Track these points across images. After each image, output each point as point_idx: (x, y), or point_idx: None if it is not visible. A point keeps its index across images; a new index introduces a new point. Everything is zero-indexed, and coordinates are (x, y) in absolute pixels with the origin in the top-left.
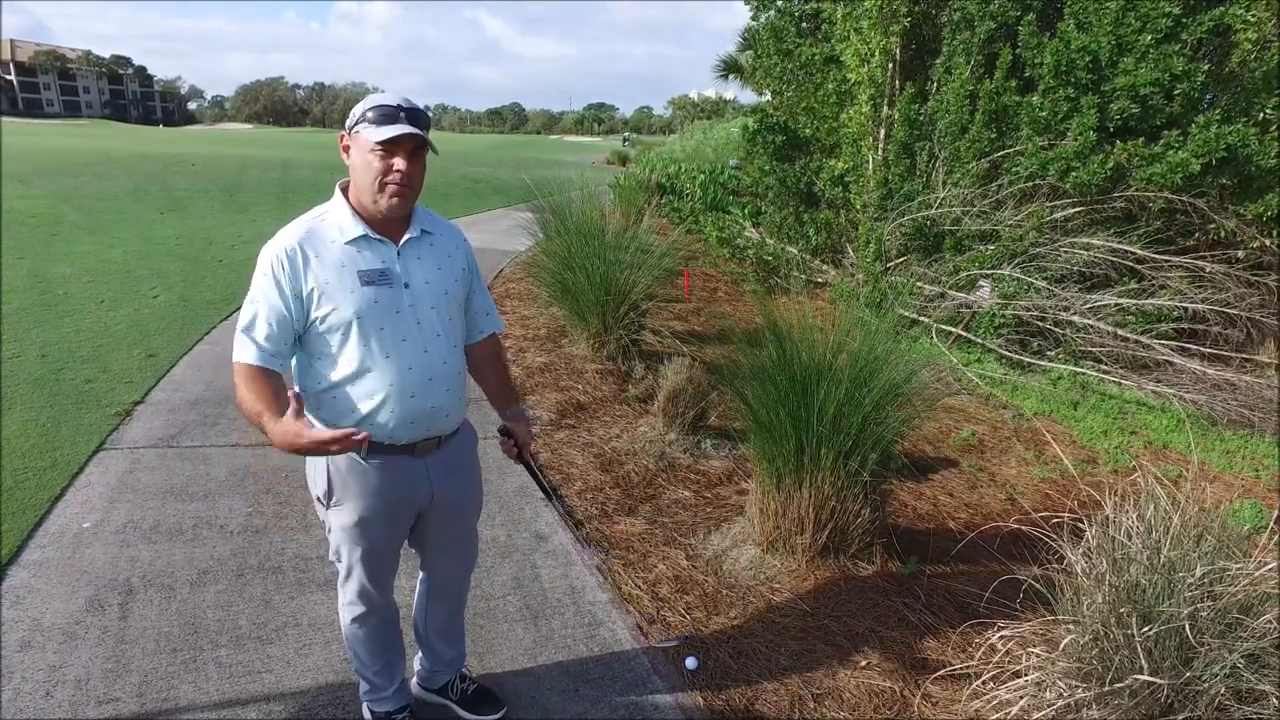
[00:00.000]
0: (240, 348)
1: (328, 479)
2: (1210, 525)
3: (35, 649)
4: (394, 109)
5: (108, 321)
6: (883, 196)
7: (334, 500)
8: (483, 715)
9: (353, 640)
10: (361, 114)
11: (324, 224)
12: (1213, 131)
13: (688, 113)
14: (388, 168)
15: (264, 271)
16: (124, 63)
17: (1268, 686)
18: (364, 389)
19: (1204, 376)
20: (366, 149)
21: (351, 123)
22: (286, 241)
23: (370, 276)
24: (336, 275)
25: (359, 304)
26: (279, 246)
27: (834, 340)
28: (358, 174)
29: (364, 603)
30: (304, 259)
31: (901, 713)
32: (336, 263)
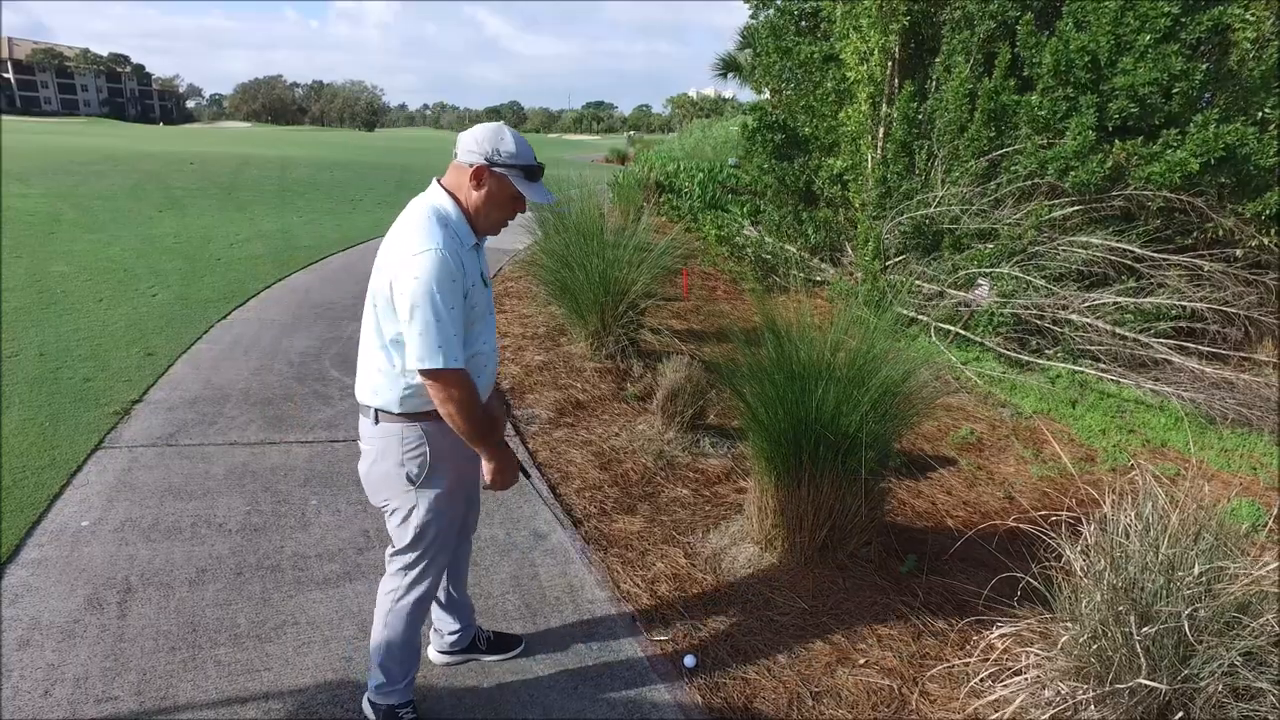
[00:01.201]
0: (446, 354)
1: (426, 452)
2: (1208, 524)
3: (34, 647)
4: (539, 168)
5: (106, 320)
6: (881, 195)
7: (428, 475)
8: (510, 652)
9: (405, 624)
10: (506, 159)
11: (453, 231)
12: (1211, 130)
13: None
14: (514, 211)
15: (438, 279)
16: (122, 61)
17: (1265, 684)
18: (476, 366)
19: (1202, 375)
20: (509, 193)
21: (493, 157)
22: (446, 248)
23: (484, 278)
24: (471, 276)
25: (485, 300)
26: (447, 258)
27: (832, 339)
28: (489, 204)
29: (432, 583)
30: (461, 264)
31: (900, 710)
32: (469, 265)
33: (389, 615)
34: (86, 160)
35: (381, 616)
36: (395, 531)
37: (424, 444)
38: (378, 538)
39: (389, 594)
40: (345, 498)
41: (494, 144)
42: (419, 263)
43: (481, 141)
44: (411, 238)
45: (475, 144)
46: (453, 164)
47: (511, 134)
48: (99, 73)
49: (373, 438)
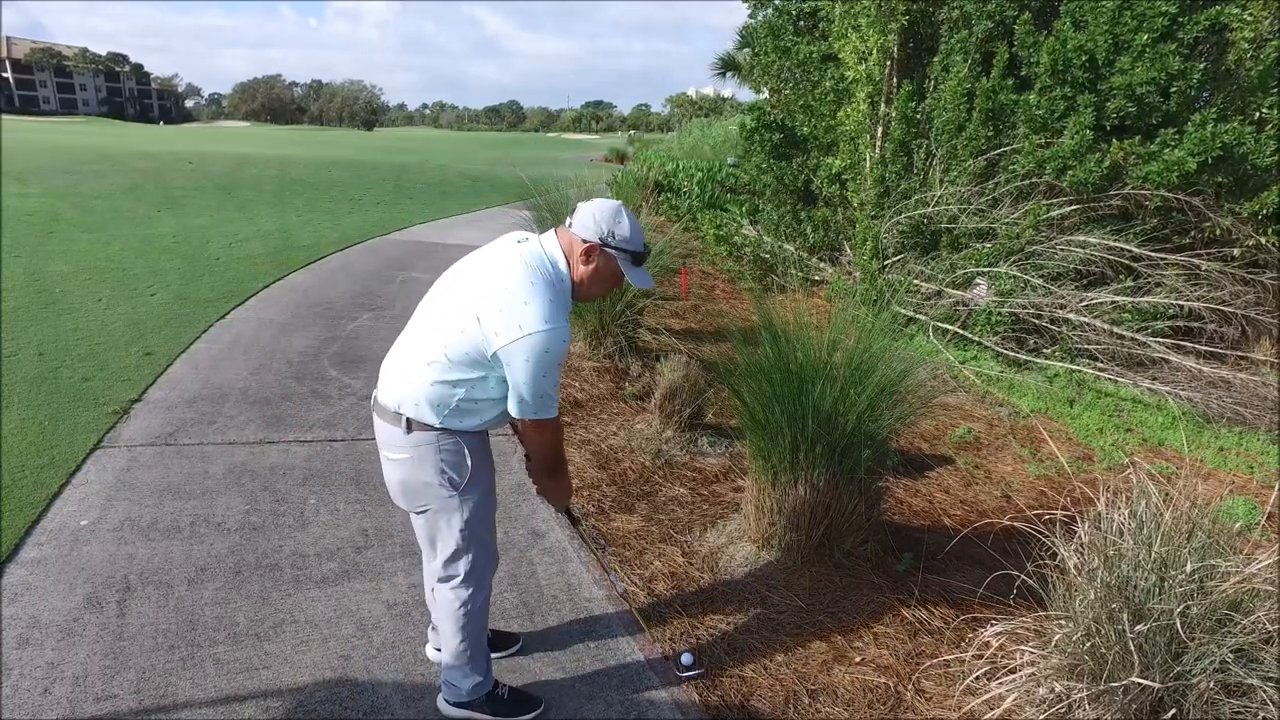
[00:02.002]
0: (545, 406)
1: (465, 459)
2: (1201, 522)
3: (33, 646)
4: (645, 254)
5: (105, 319)
6: (880, 194)
7: (468, 480)
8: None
9: (472, 627)
10: (621, 243)
11: (562, 296)
12: (1209, 130)
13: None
14: (614, 289)
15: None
16: (120, 60)
17: (1256, 680)
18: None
19: (1199, 374)
20: (614, 272)
21: (608, 240)
22: (564, 322)
23: None
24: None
25: None
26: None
27: (830, 338)
28: (594, 277)
29: (487, 576)
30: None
31: (896, 708)
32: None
33: (465, 628)
34: (85, 160)
35: (456, 630)
36: (441, 539)
37: (463, 448)
38: (376, 537)
39: (460, 607)
40: (344, 497)
41: (611, 225)
42: (539, 339)
43: (600, 220)
44: (531, 306)
45: (594, 221)
46: (566, 230)
47: (628, 217)
48: (97, 72)
49: (405, 446)
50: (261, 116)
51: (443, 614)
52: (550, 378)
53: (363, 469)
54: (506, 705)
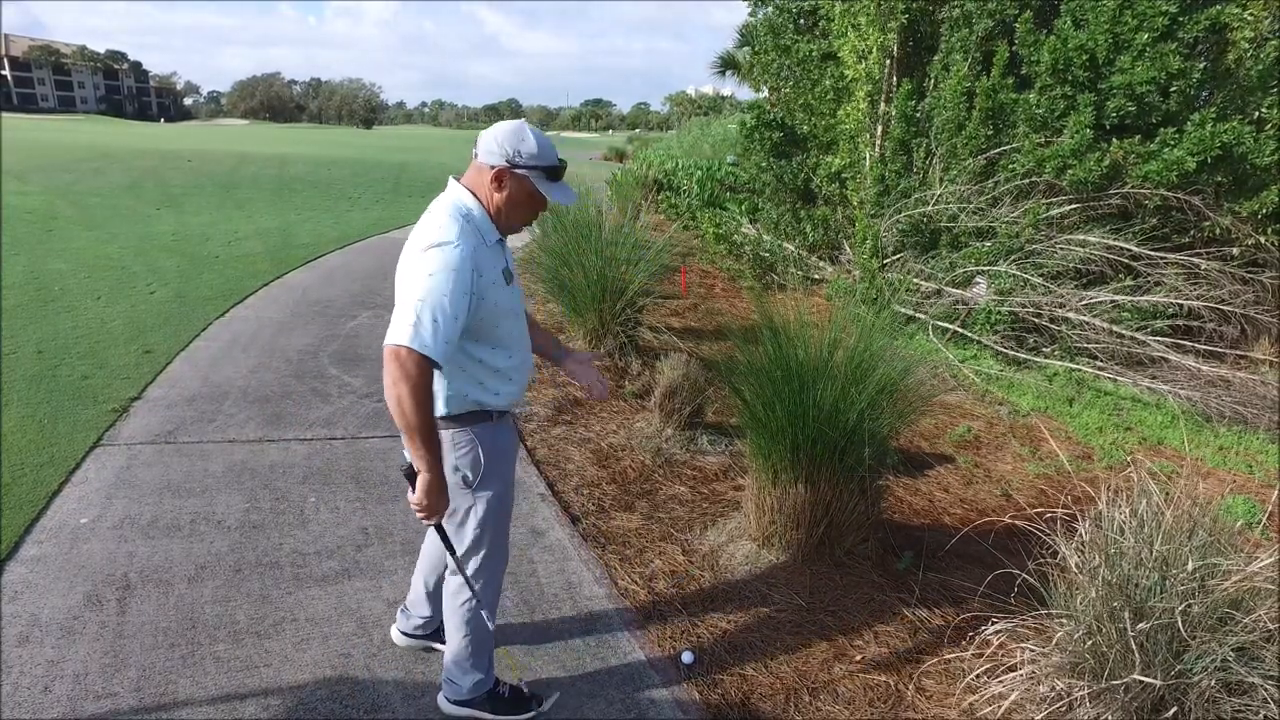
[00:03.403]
0: (414, 332)
1: (479, 456)
2: (1202, 520)
3: (34, 644)
4: (560, 168)
5: (104, 317)
6: (879, 193)
7: (482, 475)
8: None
9: (476, 620)
10: (528, 159)
11: (475, 227)
12: (1208, 129)
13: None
14: (537, 212)
15: (452, 267)
16: (119, 58)
17: (1257, 679)
18: (508, 369)
19: (1199, 373)
20: (527, 192)
21: (514, 158)
22: (469, 243)
23: (508, 276)
24: (493, 274)
25: (511, 299)
26: (466, 252)
27: (830, 337)
28: (510, 204)
29: (499, 570)
30: (478, 260)
31: (896, 706)
32: (492, 263)
33: (470, 623)
34: (84, 158)
35: (461, 625)
36: (455, 535)
37: (476, 446)
38: (376, 535)
39: (465, 602)
40: (344, 495)
41: (515, 144)
42: (433, 255)
43: (503, 142)
44: (431, 231)
45: (496, 144)
46: (473, 163)
47: (533, 133)
48: (96, 70)
49: None
50: (260, 115)
51: (449, 608)
52: (436, 306)
53: (363, 467)
54: (506, 704)
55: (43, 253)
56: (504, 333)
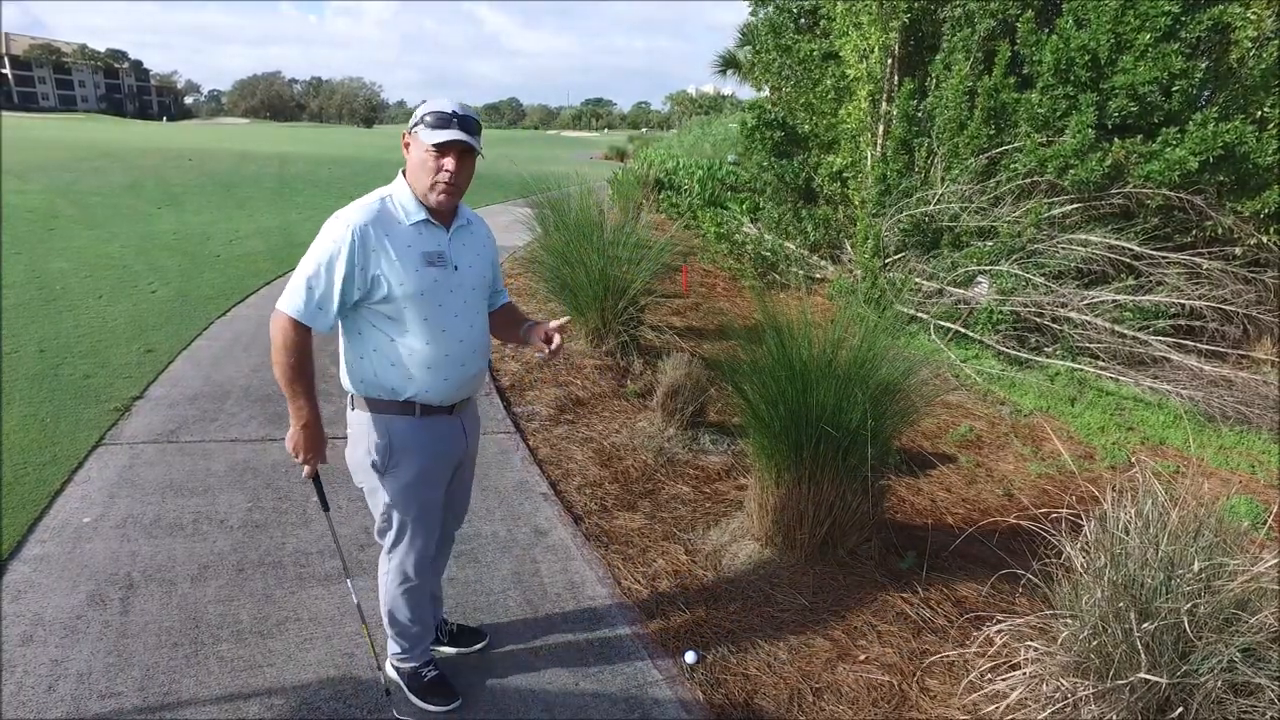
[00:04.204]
0: (290, 297)
1: (388, 442)
2: (1207, 521)
3: (37, 643)
4: (448, 116)
5: (106, 317)
6: (881, 192)
7: (391, 462)
8: (469, 647)
9: (397, 603)
10: (420, 117)
11: (391, 205)
12: (1210, 129)
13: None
14: (439, 167)
15: (334, 239)
16: (120, 57)
17: (1264, 680)
18: (424, 358)
19: (1201, 373)
20: (423, 149)
21: (412, 123)
22: (359, 219)
23: (431, 258)
24: (403, 254)
25: (423, 282)
26: (353, 223)
27: (832, 336)
28: (415, 169)
29: (415, 563)
30: (375, 237)
31: (900, 706)
32: (403, 242)
33: (385, 594)
34: (85, 156)
35: (381, 594)
36: (374, 515)
37: (386, 434)
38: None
39: (383, 575)
40: (346, 494)
41: (420, 112)
42: (327, 225)
43: (415, 115)
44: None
45: (409, 120)
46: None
47: (437, 101)
48: (96, 69)
49: (349, 424)
50: (261, 114)
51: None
52: (313, 270)
53: None
54: (423, 688)
55: (44, 252)
56: (416, 315)
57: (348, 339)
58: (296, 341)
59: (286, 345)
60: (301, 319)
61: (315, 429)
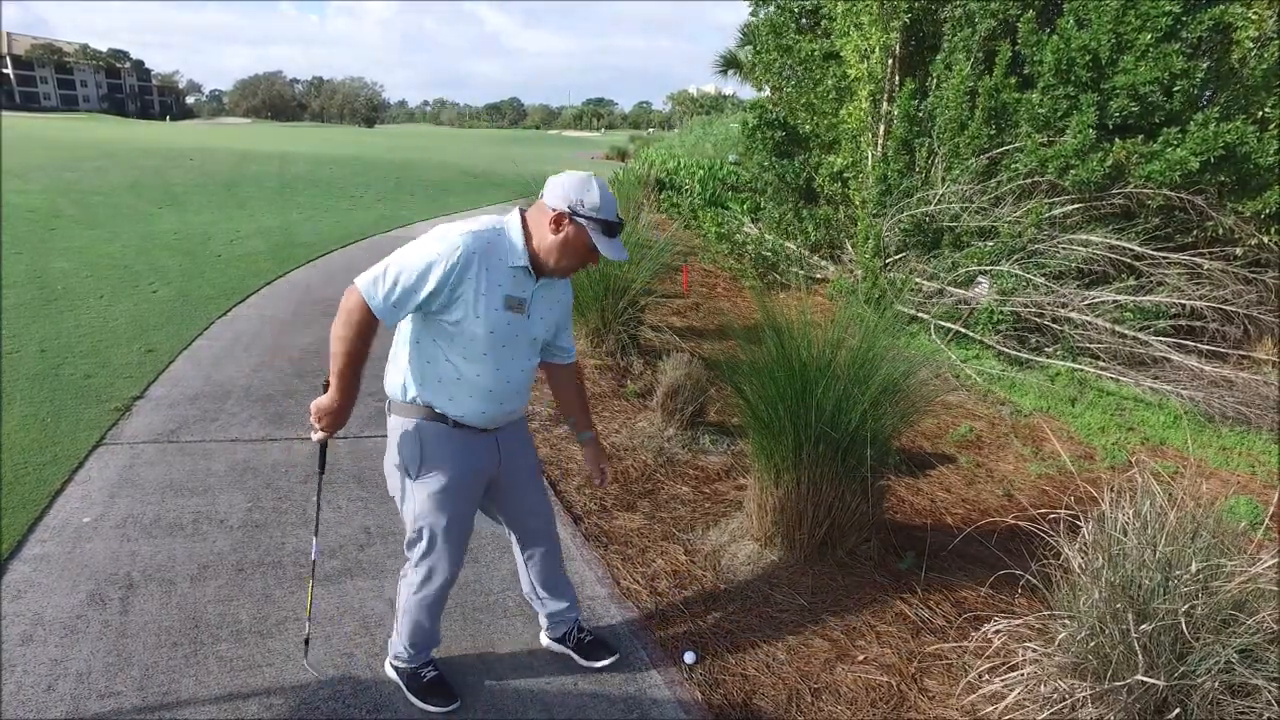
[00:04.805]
0: (373, 285)
1: (420, 448)
2: (1205, 521)
3: (37, 643)
4: (616, 226)
5: (107, 316)
6: (881, 192)
7: (422, 470)
8: (595, 660)
9: (416, 609)
10: (589, 209)
11: (501, 242)
12: (1211, 129)
13: (687, 108)
14: (584, 261)
15: (440, 250)
16: (121, 56)
17: (1261, 681)
18: (470, 387)
19: (1201, 373)
20: (585, 245)
21: (577, 209)
22: (473, 244)
23: (512, 303)
24: (490, 290)
25: (497, 322)
26: (465, 244)
27: (832, 336)
28: (562, 248)
29: (440, 572)
30: (477, 265)
31: (898, 706)
32: (496, 280)
33: (406, 603)
34: (86, 156)
35: (400, 603)
36: (405, 522)
37: (419, 442)
38: (378, 535)
39: (406, 584)
40: (346, 494)
41: (580, 194)
42: (431, 233)
43: (568, 190)
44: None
45: (562, 190)
46: (537, 203)
47: (599, 186)
48: (98, 69)
49: (388, 430)
50: (262, 113)
51: (399, 585)
52: (402, 267)
53: (365, 467)
54: (423, 688)
55: (45, 251)
56: (478, 348)
57: (404, 345)
58: (361, 325)
59: (350, 323)
60: (374, 309)
61: (345, 407)
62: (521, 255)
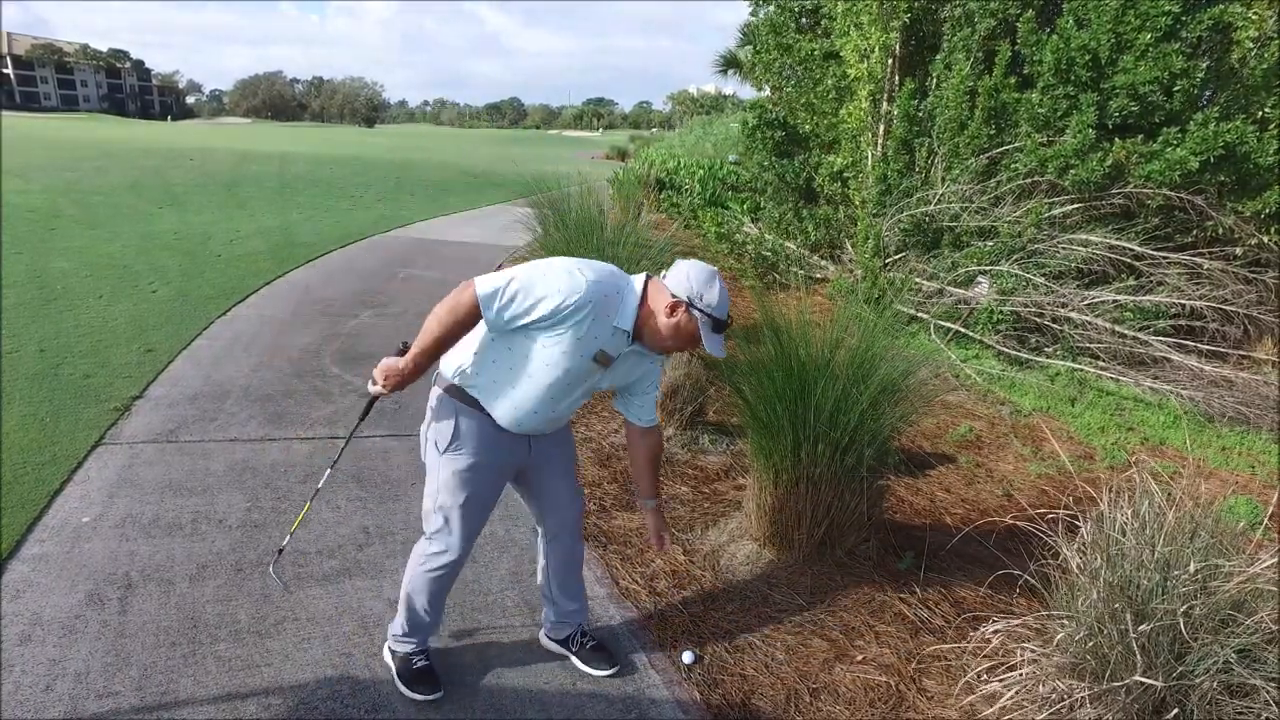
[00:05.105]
0: (491, 294)
1: (455, 427)
2: (1204, 521)
3: (35, 643)
4: (727, 322)
5: (106, 316)
6: (881, 192)
7: (453, 446)
8: (595, 668)
9: (421, 584)
10: (706, 307)
11: (617, 301)
12: (1211, 129)
13: (687, 108)
14: (688, 349)
15: (562, 288)
16: (122, 56)
17: (1259, 681)
18: (518, 401)
19: (1201, 373)
20: (693, 335)
21: (694, 301)
22: (593, 296)
23: (601, 357)
24: (585, 340)
25: (578, 367)
26: (586, 294)
27: (832, 336)
28: (672, 332)
29: (452, 550)
30: (587, 316)
31: (897, 706)
32: (594, 334)
33: (412, 576)
34: (86, 156)
35: (408, 574)
36: (425, 493)
37: (454, 418)
38: (377, 534)
39: (416, 555)
40: (345, 494)
41: (702, 289)
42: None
43: (693, 280)
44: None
45: (687, 279)
46: (660, 281)
47: (720, 285)
48: (98, 69)
49: (429, 399)
50: (262, 113)
51: (410, 556)
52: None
53: (364, 466)
54: (410, 674)
55: (45, 251)
56: (546, 377)
57: (486, 335)
58: (465, 320)
59: (456, 314)
60: (484, 314)
61: (412, 377)
62: (629, 320)
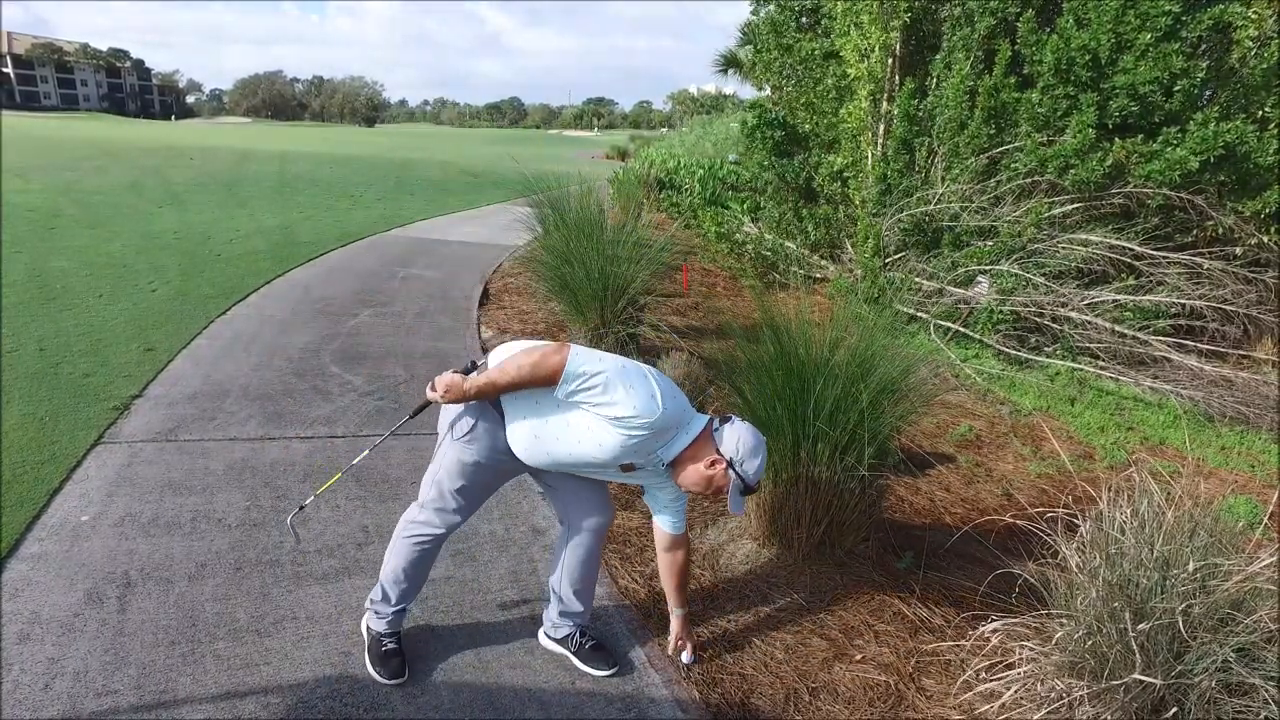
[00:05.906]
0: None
1: (474, 424)
2: (1203, 521)
3: (34, 641)
4: (753, 490)
5: (106, 315)
6: (881, 192)
7: (466, 439)
8: (594, 668)
9: (403, 548)
10: (743, 472)
11: (667, 436)
12: (1211, 129)
13: (687, 108)
14: (707, 496)
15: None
16: (122, 56)
17: (1258, 680)
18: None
19: (1201, 373)
20: (722, 489)
21: (735, 464)
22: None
23: (627, 466)
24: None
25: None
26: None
27: (831, 335)
28: (704, 481)
29: (437, 522)
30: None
31: (896, 706)
32: (638, 449)
33: (397, 539)
34: (86, 155)
35: (394, 538)
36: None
37: (477, 417)
38: (377, 533)
39: (404, 523)
40: (344, 493)
41: (746, 456)
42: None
43: (743, 447)
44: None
45: (736, 444)
46: (713, 433)
47: (762, 459)
48: (99, 68)
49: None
50: (263, 113)
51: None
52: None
53: (364, 466)
54: (378, 656)
55: (45, 250)
56: (566, 440)
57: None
58: (543, 379)
59: (538, 372)
60: (563, 382)
61: (466, 400)
62: (672, 455)
